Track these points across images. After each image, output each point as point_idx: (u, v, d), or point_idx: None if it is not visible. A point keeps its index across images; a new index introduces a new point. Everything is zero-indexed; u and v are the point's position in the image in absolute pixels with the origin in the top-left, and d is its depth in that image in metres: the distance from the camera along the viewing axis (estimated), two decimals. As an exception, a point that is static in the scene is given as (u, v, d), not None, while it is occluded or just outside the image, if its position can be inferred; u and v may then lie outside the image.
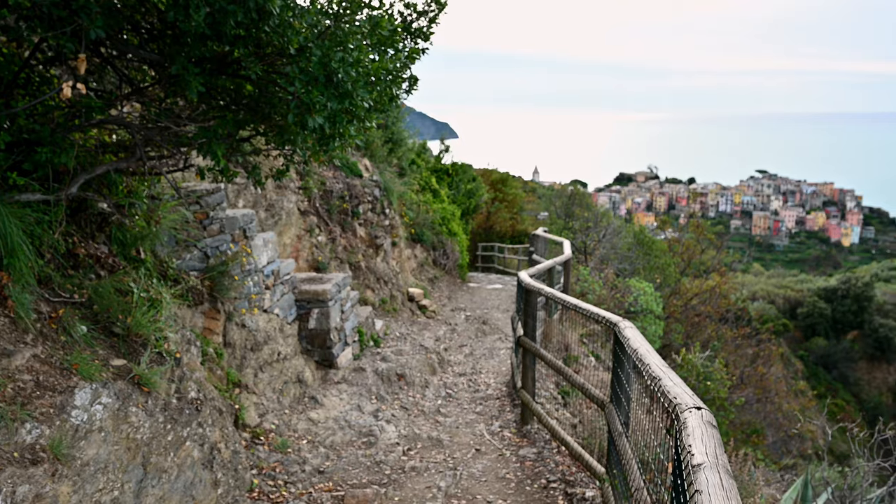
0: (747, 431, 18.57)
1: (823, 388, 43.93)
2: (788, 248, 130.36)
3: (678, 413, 2.63)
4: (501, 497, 5.63)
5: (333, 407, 7.22)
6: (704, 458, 2.13)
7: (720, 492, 1.91)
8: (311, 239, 10.23)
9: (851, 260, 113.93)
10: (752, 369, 19.41)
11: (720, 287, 21.26)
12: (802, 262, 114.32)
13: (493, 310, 14.69)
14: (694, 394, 2.86)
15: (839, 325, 48.50)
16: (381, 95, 4.60)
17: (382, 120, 14.00)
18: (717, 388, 12.17)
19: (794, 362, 43.90)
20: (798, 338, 48.55)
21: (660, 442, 3.50)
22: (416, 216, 15.68)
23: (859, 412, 41.41)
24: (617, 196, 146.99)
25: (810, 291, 51.49)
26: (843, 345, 47.24)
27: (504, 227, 29.17)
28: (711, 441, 2.29)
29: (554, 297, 6.58)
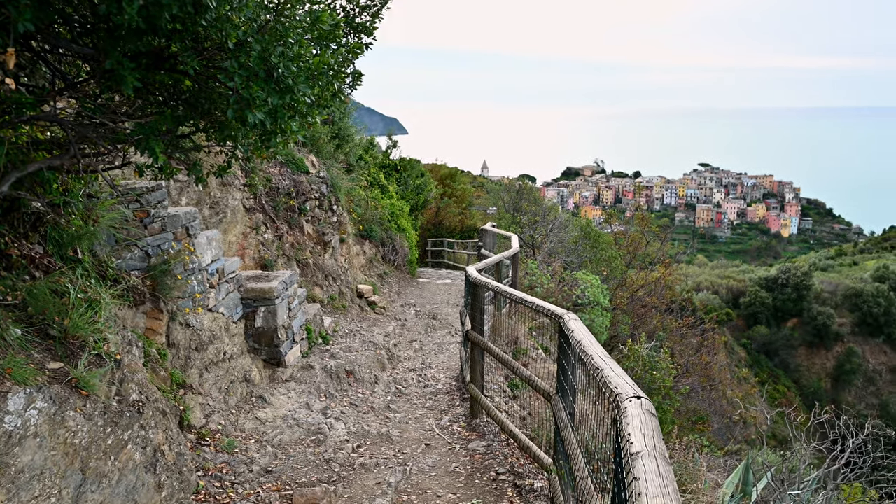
0: (693, 419, 18.97)
1: (765, 374, 45.21)
2: (731, 240, 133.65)
3: (619, 403, 2.68)
4: (451, 491, 5.66)
5: (282, 406, 7.15)
6: (643, 446, 2.18)
7: (657, 478, 1.95)
8: (258, 236, 10.10)
9: (791, 250, 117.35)
10: (696, 358, 19.83)
11: (665, 279, 21.65)
12: (744, 252, 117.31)
13: (442, 304, 14.72)
14: (634, 383, 2.92)
15: (780, 313, 49.93)
16: (324, 91, 4.56)
17: (327, 115, 13.88)
18: (662, 377, 12.41)
19: (737, 350, 45.07)
20: (741, 326, 49.83)
21: (606, 432, 3.55)
22: (364, 212, 15.60)
23: (799, 397, 42.76)
24: (565, 190, 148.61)
25: (752, 281, 52.85)
26: (784, 332, 48.66)
27: (453, 222, 29.24)
28: (650, 429, 2.33)
29: (500, 292, 6.63)
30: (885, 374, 48.18)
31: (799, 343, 48.38)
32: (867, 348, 48.92)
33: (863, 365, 47.74)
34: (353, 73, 5.64)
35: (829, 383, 47.03)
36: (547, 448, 5.71)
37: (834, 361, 47.98)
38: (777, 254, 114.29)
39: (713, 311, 41.31)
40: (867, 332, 49.57)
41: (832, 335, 48.23)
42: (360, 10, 5.53)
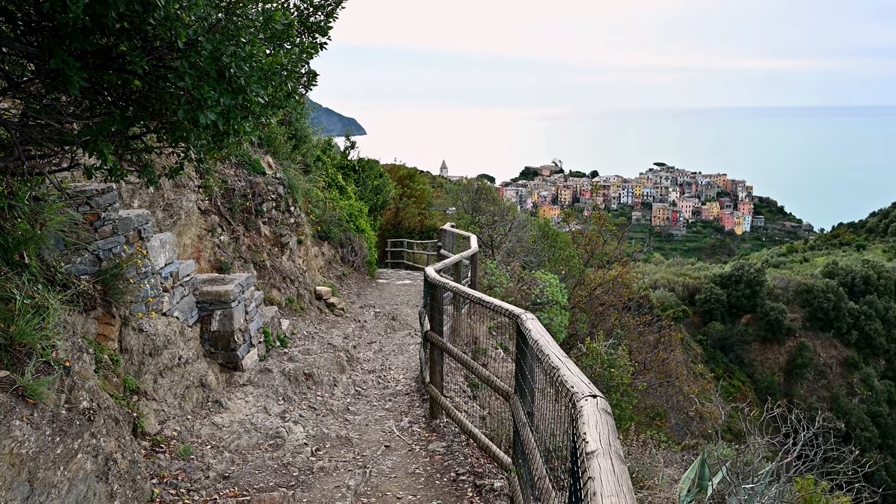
0: (651, 415, 19.20)
1: (721, 370, 46.02)
2: (686, 238, 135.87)
3: (574, 402, 2.70)
4: (411, 493, 5.64)
5: (239, 410, 7.05)
6: (598, 444, 2.19)
7: (611, 477, 1.96)
8: (213, 239, 9.96)
9: (744, 247, 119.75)
10: (653, 355, 20.06)
11: (623, 277, 21.88)
12: (699, 250, 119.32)
13: (402, 305, 14.69)
14: (590, 382, 2.93)
15: (734, 309, 50.89)
16: (278, 91, 4.50)
17: (283, 116, 13.75)
18: (620, 374, 12.54)
19: (693, 346, 45.80)
20: (697, 323, 50.65)
21: (564, 430, 3.57)
22: (322, 213, 15.49)
23: (753, 391, 43.64)
24: (523, 190, 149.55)
25: (707, 278, 53.75)
26: (738, 328, 49.60)
27: (413, 223, 29.20)
28: (605, 428, 2.35)
29: (459, 292, 6.63)
30: (836, 367, 49.44)
31: (753, 338, 49.36)
32: (818, 342, 50.15)
33: (814, 359, 48.90)
34: (308, 73, 5.59)
35: (783, 377, 48.07)
36: (506, 447, 5.73)
37: (786, 356, 49.06)
38: (731, 251, 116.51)
39: (670, 309, 41.94)
40: (818, 327, 50.81)
41: (784, 330, 49.33)
42: (315, 9, 5.48)
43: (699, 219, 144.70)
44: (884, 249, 73.32)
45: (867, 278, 54.38)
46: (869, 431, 44.72)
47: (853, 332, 50.84)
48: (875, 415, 46.41)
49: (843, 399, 46.57)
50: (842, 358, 50.01)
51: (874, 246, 78.18)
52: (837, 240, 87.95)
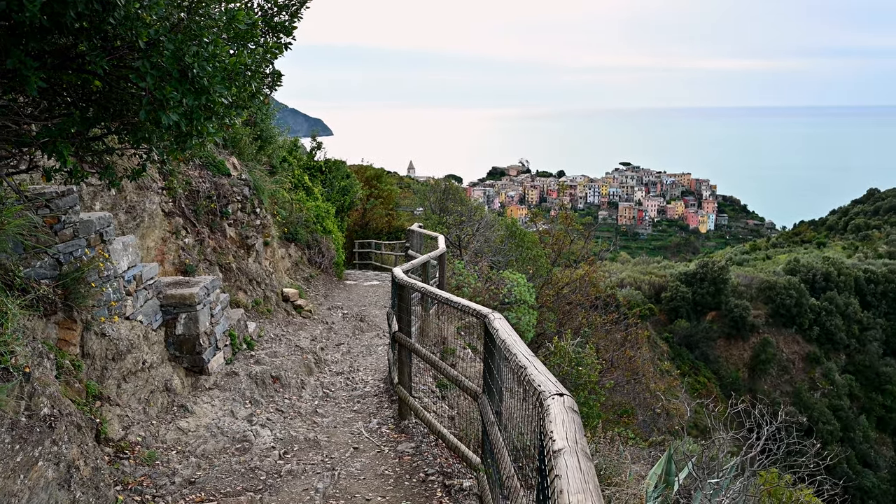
0: (618, 412, 19.37)
1: (687, 366, 46.61)
2: (652, 236, 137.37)
3: (542, 400, 2.71)
4: (380, 494, 5.63)
5: (205, 414, 6.97)
6: (565, 443, 2.20)
7: (578, 475, 1.97)
8: (178, 241, 9.83)
9: (708, 245, 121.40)
10: (620, 353, 20.27)
11: (590, 276, 22.07)
12: (665, 248, 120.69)
13: (370, 306, 14.64)
14: (557, 381, 2.95)
15: (699, 307, 51.60)
16: (242, 91, 4.47)
17: (248, 116, 13.62)
18: (588, 372, 12.63)
19: (659, 344, 46.33)
20: (663, 321, 51.26)
21: (532, 429, 3.59)
22: (289, 215, 15.37)
23: (719, 387, 44.26)
24: (491, 190, 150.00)
25: (673, 276, 54.43)
26: (703, 325, 50.30)
27: (380, 224, 29.13)
28: (572, 426, 2.36)
29: (426, 292, 6.63)
30: (798, 362, 50.35)
31: (718, 335, 50.09)
32: (781, 338, 51.04)
33: (777, 354, 49.76)
34: (273, 74, 5.55)
35: (747, 373, 48.83)
36: (475, 447, 5.74)
37: (750, 352, 49.86)
38: (696, 249, 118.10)
39: (636, 307, 42.32)
40: (781, 323, 51.71)
41: (748, 327, 50.13)
42: (279, 9, 5.44)
43: (664, 218, 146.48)
44: (843, 246, 74.85)
45: (828, 275, 55.48)
46: (831, 425, 45.62)
47: (815, 327, 51.83)
48: (836, 408, 47.36)
49: (806, 393, 47.45)
50: (804, 353, 50.95)
51: (834, 243, 79.78)
52: (799, 237, 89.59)
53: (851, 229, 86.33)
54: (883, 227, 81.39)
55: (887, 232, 77.02)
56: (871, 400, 50.23)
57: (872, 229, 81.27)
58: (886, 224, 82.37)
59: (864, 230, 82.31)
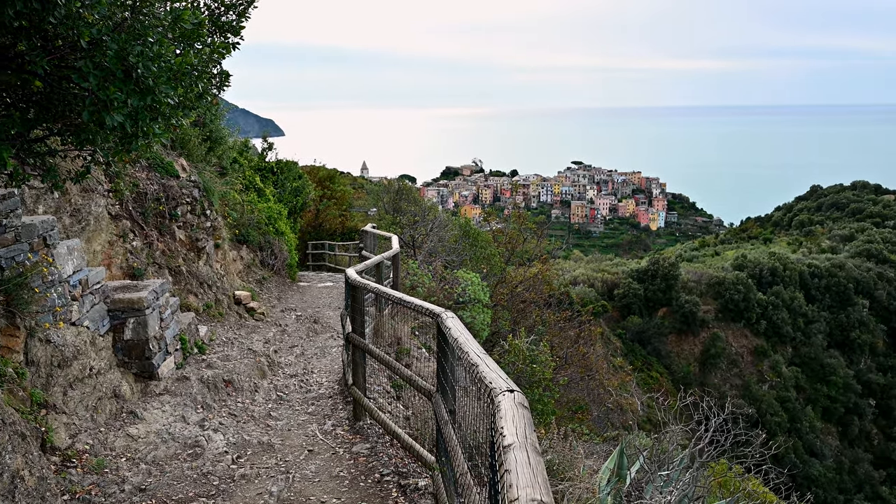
0: (573, 408, 19.60)
1: (640, 362, 47.37)
2: (604, 234, 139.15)
3: (493, 397, 2.74)
4: (335, 496, 5.61)
5: (155, 420, 6.85)
6: (514, 438, 2.23)
7: (527, 469, 2.00)
8: (125, 244, 9.64)
9: (659, 243, 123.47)
10: (574, 349, 20.50)
11: (543, 274, 22.26)
12: (617, 246, 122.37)
13: (324, 308, 14.55)
14: (508, 378, 2.98)
15: (651, 303, 52.47)
16: (188, 91, 4.41)
17: (196, 117, 13.41)
18: (542, 369, 12.75)
19: (612, 340, 46.97)
20: (616, 317, 51.98)
21: (487, 426, 3.62)
22: (240, 216, 15.18)
23: (671, 382, 45.07)
24: (445, 190, 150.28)
25: (625, 273, 55.24)
26: (655, 321, 51.16)
27: (334, 225, 28.96)
28: (522, 422, 2.39)
29: (380, 293, 6.63)
30: (746, 356, 51.55)
31: (669, 331, 51.01)
32: (730, 333, 52.19)
33: (726, 349, 50.88)
34: (221, 74, 5.48)
35: (698, 367, 49.83)
36: (430, 446, 5.75)
37: (701, 347, 50.89)
38: (647, 247, 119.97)
39: (589, 304, 42.86)
40: (729, 318, 52.88)
41: (698, 322, 51.16)
42: (226, 8, 5.38)
43: (616, 216, 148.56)
44: (788, 242, 76.90)
45: (774, 270, 56.92)
46: (778, 416, 46.81)
47: (762, 321, 53.13)
48: (784, 400, 48.62)
49: (754, 386, 48.61)
50: (752, 347, 52.18)
51: (779, 239, 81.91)
52: (746, 234, 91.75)
53: (796, 225, 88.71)
54: (826, 222, 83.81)
55: (830, 227, 79.33)
56: (817, 391, 51.69)
57: (816, 225, 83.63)
58: (829, 220, 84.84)
59: (808, 226, 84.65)
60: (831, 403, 51.61)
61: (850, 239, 70.89)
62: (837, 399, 51.85)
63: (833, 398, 51.79)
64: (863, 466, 48.47)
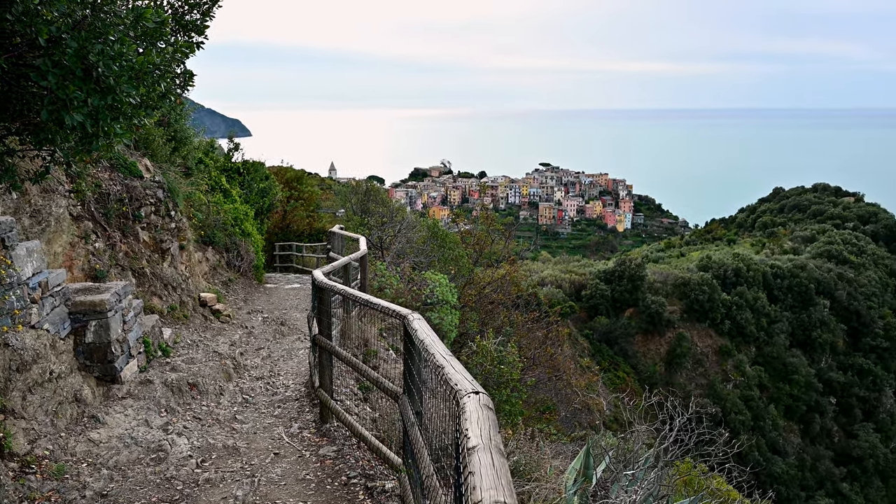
0: (541, 409, 19.69)
1: (607, 362, 47.79)
2: (572, 235, 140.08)
3: (458, 399, 2.74)
4: (301, 499, 5.57)
5: (118, 425, 6.74)
6: (479, 440, 2.23)
7: (491, 471, 2.01)
8: (87, 246, 9.47)
9: (626, 244, 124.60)
10: (542, 350, 20.56)
11: (511, 275, 22.32)
12: (584, 247, 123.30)
13: (291, 310, 14.45)
14: (473, 379, 2.98)
15: (618, 303, 52.97)
16: (151, 91, 4.35)
17: (159, 117, 13.23)
18: (510, 370, 12.79)
19: (580, 341, 47.33)
20: (583, 318, 52.39)
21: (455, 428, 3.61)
22: (205, 217, 15.01)
23: (637, 382, 45.52)
24: (413, 191, 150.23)
25: (592, 275, 55.70)
26: (622, 322, 51.66)
27: (301, 226, 28.77)
28: (486, 423, 2.39)
29: (346, 294, 6.60)
30: (711, 356, 52.28)
31: (635, 331, 51.54)
32: (695, 333, 52.88)
33: (692, 348, 51.55)
34: (185, 73, 5.42)
35: (664, 367, 50.42)
36: (397, 449, 5.74)
37: (667, 346, 51.49)
38: (614, 248, 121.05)
39: (557, 305, 43.11)
40: (695, 318, 53.59)
41: (664, 322, 51.75)
42: (190, 7, 5.32)
43: (583, 217, 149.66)
44: (751, 243, 78.14)
45: (738, 270, 57.79)
46: (742, 415, 47.52)
47: (726, 321, 53.90)
48: (747, 399, 49.38)
49: (719, 385, 49.30)
50: (717, 346, 52.91)
51: (743, 240, 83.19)
52: (710, 235, 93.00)
53: (759, 226, 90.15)
54: (788, 224, 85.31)
55: (792, 229, 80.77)
56: (779, 389, 52.61)
57: (778, 226, 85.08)
58: (791, 221, 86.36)
59: (771, 227, 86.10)
60: (793, 402, 52.57)
61: (811, 240, 72.31)
62: (799, 397, 52.84)
63: (795, 396, 52.76)
64: (824, 463, 49.45)
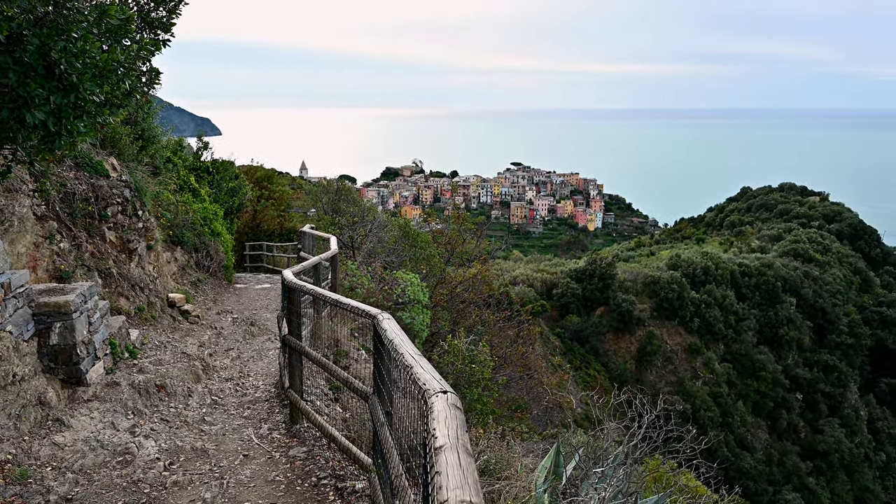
0: (513, 407, 19.77)
1: (578, 360, 48.08)
2: (543, 235, 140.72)
3: (426, 398, 2.74)
4: (271, 501, 5.53)
5: (83, 428, 6.64)
6: (446, 439, 2.23)
7: (457, 471, 2.01)
8: (52, 246, 9.32)
9: (596, 243, 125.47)
10: (513, 349, 20.63)
11: (483, 274, 22.36)
12: (556, 246, 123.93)
13: (261, 310, 14.34)
14: (442, 379, 2.99)
15: (589, 302, 53.34)
16: (115, 89, 4.28)
17: (126, 115, 13.05)
18: (481, 369, 12.81)
19: (552, 340, 47.54)
20: (554, 316, 52.67)
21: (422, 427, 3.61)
22: (174, 217, 14.84)
23: (608, 380, 45.87)
24: (385, 190, 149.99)
25: (563, 273, 56.02)
26: (593, 320, 52.02)
27: (272, 225, 28.58)
28: (454, 423, 2.40)
29: (316, 294, 6.57)
30: (681, 353, 52.84)
31: (606, 329, 51.92)
32: (664, 331, 53.41)
33: (662, 346, 52.05)
34: (151, 71, 5.35)
35: (634, 365, 50.87)
36: (368, 449, 5.72)
37: (637, 344, 51.94)
38: (585, 247, 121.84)
39: (529, 304, 43.27)
40: (664, 316, 54.13)
41: (635, 320, 52.20)
42: (156, 4, 5.26)
43: (555, 216, 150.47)
44: (720, 242, 79.14)
45: (706, 269, 58.49)
46: (711, 411, 48.09)
47: (695, 319, 54.52)
48: (716, 395, 49.99)
49: (689, 382, 49.85)
50: (686, 344, 53.50)
51: (712, 239, 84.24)
52: (680, 234, 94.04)
53: (727, 225, 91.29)
54: (755, 223, 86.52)
55: (759, 228, 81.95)
56: (748, 386, 53.35)
57: (746, 225, 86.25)
58: (758, 220, 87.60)
59: (739, 226, 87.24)
60: (761, 398, 53.34)
61: (778, 239, 73.44)
62: (767, 394, 53.63)
63: (763, 393, 53.55)
64: (791, 458, 50.26)
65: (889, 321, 64.76)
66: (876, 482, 52.38)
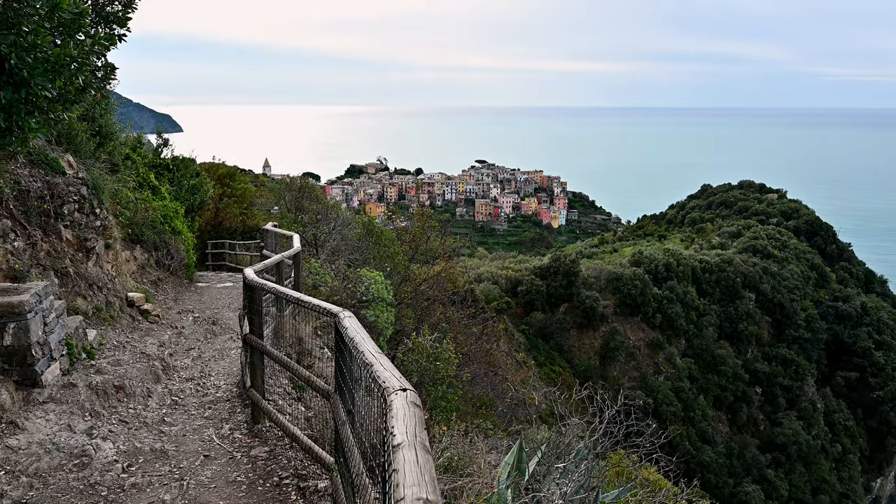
0: (477, 404, 19.81)
1: (543, 357, 48.40)
2: (508, 232, 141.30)
3: (385, 396, 2.73)
4: (232, 501, 5.48)
5: (38, 430, 6.50)
6: (404, 437, 2.23)
7: (415, 468, 2.01)
8: (5, 245, 9.10)
9: (561, 240, 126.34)
10: (478, 346, 20.71)
11: (447, 272, 22.40)
12: (520, 244, 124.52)
13: (223, 309, 14.19)
14: (402, 377, 2.98)
15: (553, 299, 53.72)
16: (68, 84, 4.19)
17: (80, 111, 12.79)
18: (446, 367, 12.82)
19: (516, 336, 47.80)
20: (519, 313, 52.95)
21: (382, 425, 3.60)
22: (133, 215, 14.59)
23: (573, 376, 46.25)
24: (350, 188, 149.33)
25: (528, 270, 56.35)
26: (558, 317, 52.41)
27: (234, 223, 28.28)
28: (413, 420, 2.39)
29: (277, 293, 6.52)
30: (644, 349, 53.50)
31: (570, 325, 52.35)
32: (628, 327, 54.03)
33: (625, 342, 52.64)
34: (106, 66, 5.26)
35: (598, 360, 51.37)
36: (330, 448, 5.69)
37: (601, 340, 52.47)
38: (549, 244, 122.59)
39: (493, 301, 43.48)
40: (627, 312, 54.74)
41: (598, 317, 52.71)
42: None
43: (519, 214, 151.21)
44: (681, 238, 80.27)
45: (668, 265, 59.27)
46: (673, 406, 48.77)
47: (658, 315, 55.22)
48: (678, 390, 50.71)
49: (651, 377, 50.49)
50: (649, 340, 54.18)
51: (673, 236, 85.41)
52: (642, 231, 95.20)
53: (688, 222, 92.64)
54: (715, 220, 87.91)
55: (719, 224, 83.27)
56: (708, 381, 54.22)
57: (706, 222, 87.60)
58: (718, 217, 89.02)
59: (700, 223, 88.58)
60: (722, 392, 54.27)
61: (737, 235, 74.71)
62: (727, 388, 54.58)
63: (723, 387, 54.47)
64: (750, 451, 51.21)
65: (844, 316, 66.32)
66: (832, 473, 53.64)
